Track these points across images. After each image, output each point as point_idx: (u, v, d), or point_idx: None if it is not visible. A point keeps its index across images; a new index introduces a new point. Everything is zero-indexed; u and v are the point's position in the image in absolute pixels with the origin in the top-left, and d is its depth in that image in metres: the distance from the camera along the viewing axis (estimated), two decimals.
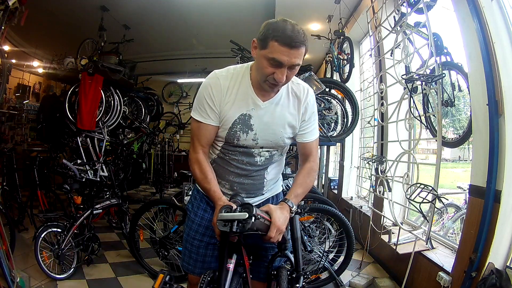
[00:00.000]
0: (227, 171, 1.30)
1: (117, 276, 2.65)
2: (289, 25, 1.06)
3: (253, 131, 1.22)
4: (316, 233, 2.61)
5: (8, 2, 2.11)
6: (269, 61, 1.08)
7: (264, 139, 1.25)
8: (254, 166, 1.30)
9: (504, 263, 1.66)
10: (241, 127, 1.22)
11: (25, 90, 6.25)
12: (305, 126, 1.30)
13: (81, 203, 2.79)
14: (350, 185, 4.53)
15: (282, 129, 1.25)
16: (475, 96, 1.85)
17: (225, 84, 1.20)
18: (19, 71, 6.10)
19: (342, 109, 3.28)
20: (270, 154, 1.30)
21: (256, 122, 1.22)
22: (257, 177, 1.32)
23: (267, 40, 1.06)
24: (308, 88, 1.29)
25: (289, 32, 1.04)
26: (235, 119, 1.21)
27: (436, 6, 2.28)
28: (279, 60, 1.06)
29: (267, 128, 1.23)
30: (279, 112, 1.24)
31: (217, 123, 1.23)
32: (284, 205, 1.19)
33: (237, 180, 1.30)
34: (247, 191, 1.33)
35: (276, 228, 1.11)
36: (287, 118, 1.26)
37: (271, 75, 1.10)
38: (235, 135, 1.22)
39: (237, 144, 1.25)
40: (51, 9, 4.39)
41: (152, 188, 6.51)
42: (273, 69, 1.09)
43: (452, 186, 3.58)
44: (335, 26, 4.07)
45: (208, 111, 1.21)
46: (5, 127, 5.69)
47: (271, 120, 1.23)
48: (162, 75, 7.73)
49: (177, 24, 4.97)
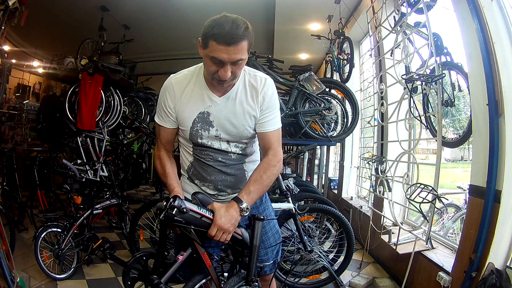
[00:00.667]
0: (206, 171, 1.32)
1: (117, 276, 2.64)
2: (227, 20, 1.05)
3: (213, 127, 1.25)
4: (316, 233, 2.61)
5: (8, 2, 2.11)
6: (211, 60, 1.09)
7: (226, 133, 1.26)
8: (230, 161, 1.32)
9: (504, 263, 1.66)
10: (201, 125, 1.24)
11: (25, 90, 6.25)
12: (263, 115, 1.27)
13: (81, 203, 2.79)
14: (350, 185, 4.53)
15: (242, 121, 1.25)
16: (475, 96, 1.85)
17: (178, 88, 1.24)
18: (19, 71, 6.10)
19: (342, 109, 3.28)
20: (241, 148, 1.32)
21: (215, 118, 1.24)
22: (238, 171, 1.34)
23: (207, 39, 1.07)
24: (266, 78, 1.27)
25: (226, 29, 1.04)
26: (194, 118, 1.24)
27: (436, 6, 2.28)
28: (219, 58, 1.07)
29: (227, 122, 1.25)
30: (237, 105, 1.25)
31: (173, 126, 1.29)
32: (232, 203, 1.15)
33: (220, 178, 1.32)
34: (232, 187, 1.34)
35: (217, 227, 1.09)
36: (245, 110, 1.25)
37: (216, 73, 1.11)
38: (197, 134, 1.25)
39: (202, 143, 1.27)
40: (51, 9, 4.40)
41: (152, 188, 6.50)
42: (216, 67, 1.10)
43: (452, 186, 3.58)
44: (335, 26, 4.07)
45: (164, 116, 1.28)
46: (5, 127, 5.69)
47: (230, 114, 1.24)
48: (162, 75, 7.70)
49: (177, 24, 4.97)
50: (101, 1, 4.31)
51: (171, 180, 1.27)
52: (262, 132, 1.28)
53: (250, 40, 1.10)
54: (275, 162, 1.26)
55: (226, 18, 1.06)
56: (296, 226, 2.32)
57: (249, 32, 1.09)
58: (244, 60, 1.12)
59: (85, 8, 4.43)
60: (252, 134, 1.30)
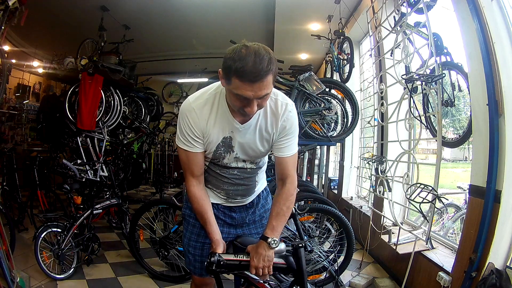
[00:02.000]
0: (220, 181, 1.36)
1: (117, 276, 2.65)
2: (250, 54, 0.99)
3: (234, 152, 1.27)
4: (316, 233, 2.61)
5: (8, 2, 2.11)
6: (236, 96, 1.06)
7: (245, 155, 1.29)
8: (246, 174, 1.36)
9: (504, 263, 1.66)
10: (224, 149, 1.25)
11: (25, 90, 6.24)
12: (282, 140, 1.26)
13: (81, 203, 2.79)
14: (350, 185, 4.53)
15: (260, 146, 1.28)
16: (475, 96, 1.85)
17: (202, 114, 1.19)
18: (19, 71, 6.10)
19: (342, 109, 3.28)
20: (256, 163, 1.36)
21: (236, 143, 1.25)
22: (250, 183, 1.39)
23: (229, 75, 1.02)
24: (286, 103, 1.24)
25: (250, 65, 0.98)
26: (219, 143, 1.24)
27: (436, 6, 2.28)
28: (244, 96, 1.03)
29: (247, 147, 1.27)
30: (257, 132, 1.25)
31: (203, 148, 1.25)
32: (261, 242, 1.22)
33: (232, 188, 1.37)
34: (242, 195, 1.40)
35: (254, 267, 1.19)
36: (264, 136, 1.26)
37: (242, 108, 1.09)
38: (220, 156, 1.27)
39: (222, 163, 1.30)
40: (51, 9, 4.39)
41: (152, 188, 6.51)
42: (241, 102, 1.07)
43: (452, 186, 3.58)
44: (335, 26, 4.07)
45: (192, 141, 1.22)
46: (5, 127, 5.69)
47: (250, 140, 1.25)
48: (162, 75, 7.72)
49: (177, 24, 4.97)
50: (101, 1, 4.30)
51: (211, 226, 1.28)
52: (280, 157, 1.29)
53: (274, 72, 1.04)
54: (293, 190, 1.30)
55: (247, 50, 1.00)
56: (296, 226, 2.32)
57: (273, 63, 1.03)
58: (270, 93, 1.08)
59: (85, 8, 4.43)
60: (267, 152, 1.33)
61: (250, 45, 1.02)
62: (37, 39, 5.48)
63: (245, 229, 1.45)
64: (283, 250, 1.26)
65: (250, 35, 5.21)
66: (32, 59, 6.12)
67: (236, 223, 1.43)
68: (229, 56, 1.02)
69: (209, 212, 1.30)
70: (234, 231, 1.44)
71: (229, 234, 1.42)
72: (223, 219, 1.41)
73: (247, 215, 1.44)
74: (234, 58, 1.00)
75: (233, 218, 1.42)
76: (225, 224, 1.41)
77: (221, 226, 1.40)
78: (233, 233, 1.43)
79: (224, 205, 1.40)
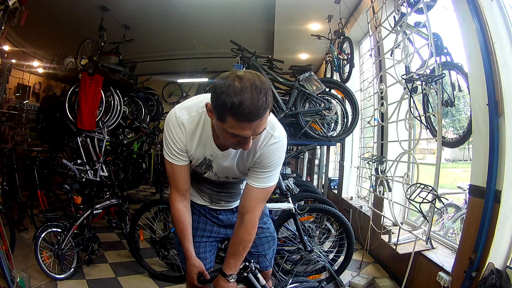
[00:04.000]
0: (204, 186, 1.38)
1: (117, 276, 2.65)
2: (246, 91, 0.88)
3: (213, 172, 1.26)
4: (316, 233, 2.61)
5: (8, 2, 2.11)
6: (231, 135, 0.96)
7: (224, 177, 1.30)
8: (228, 184, 1.37)
9: (504, 263, 1.66)
10: (205, 167, 1.26)
11: (25, 90, 6.24)
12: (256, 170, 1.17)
13: (81, 203, 2.79)
14: (350, 185, 4.53)
15: (238, 172, 1.25)
16: (475, 96, 1.85)
17: (188, 131, 1.14)
18: (19, 71, 6.10)
19: (342, 109, 3.28)
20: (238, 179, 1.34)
21: (215, 165, 1.24)
22: (233, 190, 1.41)
23: (223, 114, 0.92)
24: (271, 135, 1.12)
25: (248, 104, 0.87)
26: (201, 161, 1.23)
27: (436, 6, 2.28)
28: (241, 135, 0.95)
29: (225, 171, 1.26)
30: (237, 159, 1.20)
31: (187, 161, 1.22)
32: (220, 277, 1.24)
33: (214, 194, 1.39)
34: (226, 201, 1.42)
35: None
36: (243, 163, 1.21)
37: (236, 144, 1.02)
38: (201, 171, 1.27)
39: (203, 176, 1.30)
40: (51, 9, 4.40)
41: (152, 188, 6.51)
42: (235, 139, 0.98)
43: (452, 186, 3.58)
44: (335, 26, 4.07)
45: (178, 155, 1.18)
46: (5, 127, 5.69)
47: (228, 166, 1.22)
48: (162, 75, 7.72)
49: (177, 24, 4.98)
50: (101, 1, 4.30)
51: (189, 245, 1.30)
52: (249, 185, 1.20)
53: (270, 105, 0.93)
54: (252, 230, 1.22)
55: (242, 83, 0.88)
56: (296, 226, 2.32)
57: (270, 94, 0.92)
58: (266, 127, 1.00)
59: (85, 8, 4.43)
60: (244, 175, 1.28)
61: (243, 75, 0.91)
62: (37, 39, 5.48)
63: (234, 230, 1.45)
64: None
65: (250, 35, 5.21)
66: (32, 59, 6.12)
67: (224, 224, 1.44)
68: (222, 91, 0.89)
69: (188, 229, 1.30)
70: (224, 231, 1.45)
71: (218, 233, 1.45)
72: (210, 219, 1.43)
73: (233, 217, 1.44)
74: (228, 93, 0.88)
75: (219, 220, 1.43)
76: (213, 224, 1.43)
77: (210, 225, 1.43)
78: (222, 232, 1.45)
79: (209, 207, 1.42)
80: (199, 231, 1.41)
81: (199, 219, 1.42)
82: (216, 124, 1.00)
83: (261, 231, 1.45)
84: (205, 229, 1.42)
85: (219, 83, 0.92)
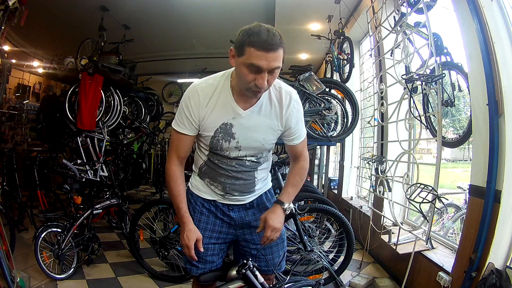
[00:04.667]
0: (218, 173, 1.33)
1: (117, 276, 2.65)
2: (263, 29, 1.05)
3: (235, 139, 1.25)
4: (316, 233, 2.61)
5: (8, 2, 2.11)
6: (248, 67, 1.07)
7: (247, 146, 1.28)
8: (244, 167, 1.33)
9: (504, 263, 1.66)
10: (222, 136, 1.24)
11: (25, 90, 6.25)
12: (293, 131, 1.32)
13: (81, 203, 2.79)
14: (350, 185, 4.53)
15: (264, 136, 1.28)
16: (475, 96, 1.85)
17: (203, 96, 1.21)
18: (19, 71, 6.10)
19: (342, 109, 3.28)
20: (257, 157, 1.34)
21: (237, 130, 1.24)
22: (248, 178, 1.36)
23: (244, 46, 1.06)
24: (290, 93, 1.28)
25: (264, 36, 1.04)
26: (217, 128, 1.23)
27: (436, 6, 2.28)
28: (257, 65, 1.05)
29: (249, 136, 1.26)
30: (261, 120, 1.26)
31: (194, 133, 1.27)
32: (276, 206, 1.32)
33: (229, 182, 1.33)
34: (239, 191, 1.36)
35: (271, 228, 1.27)
36: (269, 124, 1.27)
37: (253, 82, 1.10)
38: (218, 143, 1.25)
39: (220, 152, 1.28)
40: (51, 9, 4.39)
41: (152, 188, 6.50)
42: (253, 75, 1.08)
43: (452, 186, 3.58)
44: (335, 26, 4.07)
45: (186, 122, 1.24)
46: (5, 127, 5.69)
47: (253, 128, 1.25)
48: (162, 75, 7.73)
49: (177, 24, 4.97)
50: (101, 1, 4.30)
51: (183, 204, 1.30)
52: (293, 146, 1.36)
53: (284, 49, 1.09)
54: (306, 165, 1.41)
55: (261, 26, 1.06)
56: (296, 226, 2.32)
57: (283, 41, 1.07)
58: (279, 69, 1.11)
59: (85, 8, 4.43)
60: (272, 146, 1.36)
61: (262, 24, 1.09)
62: (37, 39, 5.48)
63: (245, 231, 1.41)
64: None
65: None
66: (32, 59, 6.12)
67: (235, 223, 1.39)
68: (244, 32, 1.07)
69: (184, 193, 1.31)
70: (233, 231, 1.40)
71: (227, 234, 1.40)
72: (221, 218, 1.38)
73: (247, 215, 1.40)
74: (248, 31, 1.06)
75: (231, 218, 1.38)
76: (223, 223, 1.39)
77: (219, 226, 1.38)
78: (232, 233, 1.40)
79: (221, 202, 1.36)
80: (207, 232, 1.36)
81: (208, 220, 1.37)
82: (237, 64, 1.11)
83: None
84: (213, 230, 1.37)
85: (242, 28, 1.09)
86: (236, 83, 1.20)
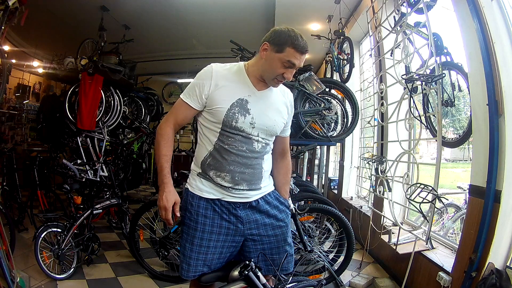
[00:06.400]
0: (227, 160, 1.31)
1: (117, 276, 2.65)
2: (299, 35, 1.29)
3: (250, 115, 1.32)
4: (316, 233, 2.61)
5: (8, 2, 2.10)
6: (284, 63, 1.28)
7: (260, 124, 1.35)
8: (253, 153, 1.35)
9: (504, 263, 1.66)
10: (239, 109, 1.31)
11: (25, 90, 6.24)
12: (287, 123, 1.50)
13: (81, 203, 2.79)
14: (350, 185, 4.53)
15: (275, 117, 1.40)
16: (475, 96, 1.85)
17: (220, 71, 1.34)
18: (19, 71, 6.10)
19: (342, 109, 3.28)
20: (265, 142, 1.40)
21: (253, 107, 1.33)
22: (256, 165, 1.38)
23: (284, 46, 1.26)
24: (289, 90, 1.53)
25: (301, 42, 1.28)
26: (233, 102, 1.31)
27: (436, 6, 2.28)
28: (293, 63, 1.28)
29: (263, 113, 1.35)
30: (273, 101, 1.41)
31: (197, 108, 1.34)
32: None
33: (238, 170, 1.32)
34: (248, 182, 1.35)
35: None
36: (279, 109, 1.42)
37: (281, 74, 1.30)
38: (234, 117, 1.30)
39: (235, 127, 1.31)
40: (51, 9, 4.39)
41: (152, 188, 6.51)
42: (284, 69, 1.29)
43: (452, 186, 3.58)
44: (335, 26, 4.07)
45: (193, 94, 1.33)
46: (5, 127, 5.69)
47: (267, 107, 1.37)
48: (162, 75, 7.73)
49: (177, 24, 4.97)
50: (101, 1, 4.30)
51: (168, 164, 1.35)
52: (284, 137, 1.54)
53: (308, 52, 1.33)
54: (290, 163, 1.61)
55: (296, 33, 1.29)
56: (296, 226, 2.31)
57: None
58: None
59: (85, 8, 4.43)
60: (278, 132, 1.45)
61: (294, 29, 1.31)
62: (37, 39, 5.48)
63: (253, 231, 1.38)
64: None
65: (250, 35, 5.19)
66: (32, 59, 6.12)
67: (243, 222, 1.35)
68: (284, 34, 1.27)
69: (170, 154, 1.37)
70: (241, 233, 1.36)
71: (235, 236, 1.36)
72: (227, 219, 1.34)
73: (253, 214, 1.37)
74: (289, 34, 1.27)
75: (237, 217, 1.34)
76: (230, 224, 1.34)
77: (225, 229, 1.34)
78: (237, 241, 1.37)
79: (226, 200, 1.33)
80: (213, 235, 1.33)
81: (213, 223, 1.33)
82: (272, 57, 1.29)
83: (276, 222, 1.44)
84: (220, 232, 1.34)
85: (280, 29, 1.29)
86: (255, 70, 1.35)
